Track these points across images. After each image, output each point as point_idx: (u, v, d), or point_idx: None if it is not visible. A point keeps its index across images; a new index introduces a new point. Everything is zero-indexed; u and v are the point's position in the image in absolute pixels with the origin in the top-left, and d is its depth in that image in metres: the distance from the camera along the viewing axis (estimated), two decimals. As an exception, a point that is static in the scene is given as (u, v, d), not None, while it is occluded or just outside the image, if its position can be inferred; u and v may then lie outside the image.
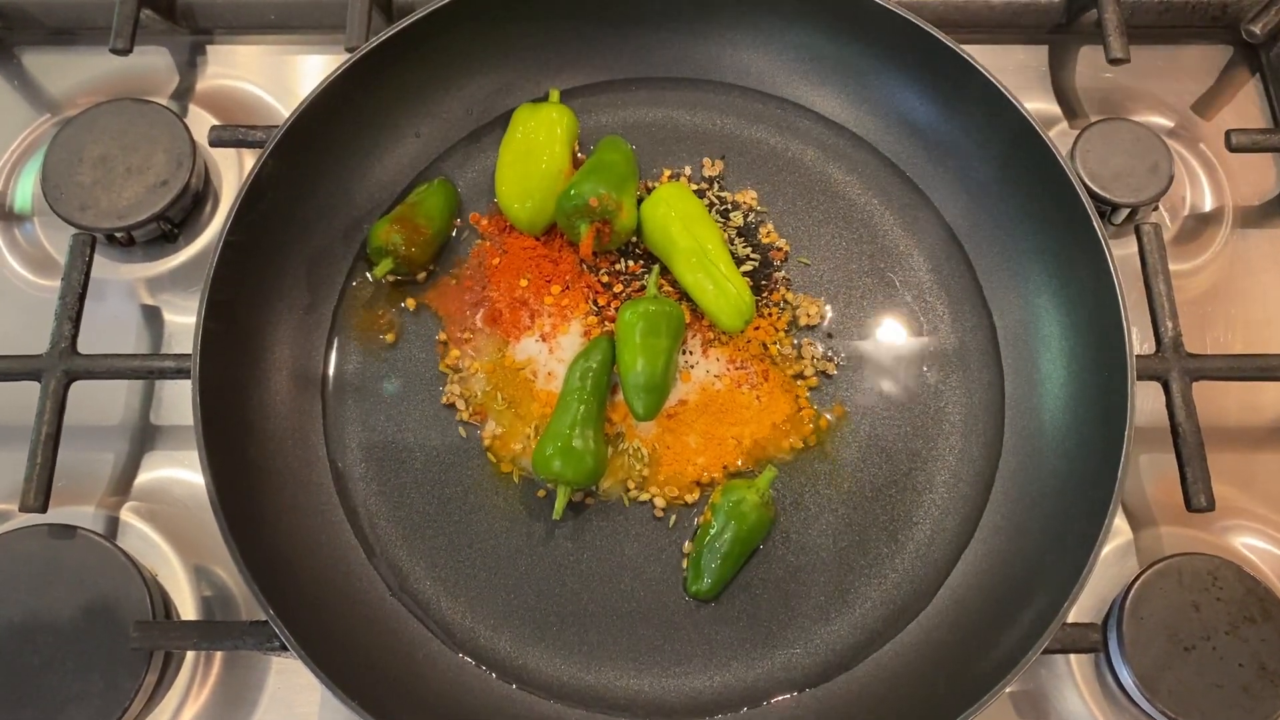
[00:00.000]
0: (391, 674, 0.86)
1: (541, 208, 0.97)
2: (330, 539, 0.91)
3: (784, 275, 0.99)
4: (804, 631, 0.89)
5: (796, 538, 0.92)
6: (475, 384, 0.95)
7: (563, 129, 0.99)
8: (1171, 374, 0.91)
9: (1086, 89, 1.11)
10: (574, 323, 0.96)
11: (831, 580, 0.90)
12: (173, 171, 1.00)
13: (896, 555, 0.91)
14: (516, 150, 0.98)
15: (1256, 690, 0.82)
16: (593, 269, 0.98)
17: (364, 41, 1.00)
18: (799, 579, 0.90)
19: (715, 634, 0.89)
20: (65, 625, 0.85)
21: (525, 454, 0.93)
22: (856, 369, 0.96)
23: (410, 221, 0.96)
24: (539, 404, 0.94)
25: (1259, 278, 1.03)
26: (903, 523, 0.92)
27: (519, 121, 0.99)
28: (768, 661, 0.88)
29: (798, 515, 0.92)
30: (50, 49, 1.13)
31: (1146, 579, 0.86)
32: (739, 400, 0.94)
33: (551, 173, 0.97)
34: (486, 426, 0.94)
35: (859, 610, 0.90)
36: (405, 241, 0.95)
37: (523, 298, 0.97)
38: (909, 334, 0.98)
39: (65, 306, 0.93)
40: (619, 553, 0.91)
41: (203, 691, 0.89)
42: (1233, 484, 0.95)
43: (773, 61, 1.04)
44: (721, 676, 0.88)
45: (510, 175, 0.98)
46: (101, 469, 0.96)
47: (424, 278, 0.99)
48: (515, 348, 0.96)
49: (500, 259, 0.99)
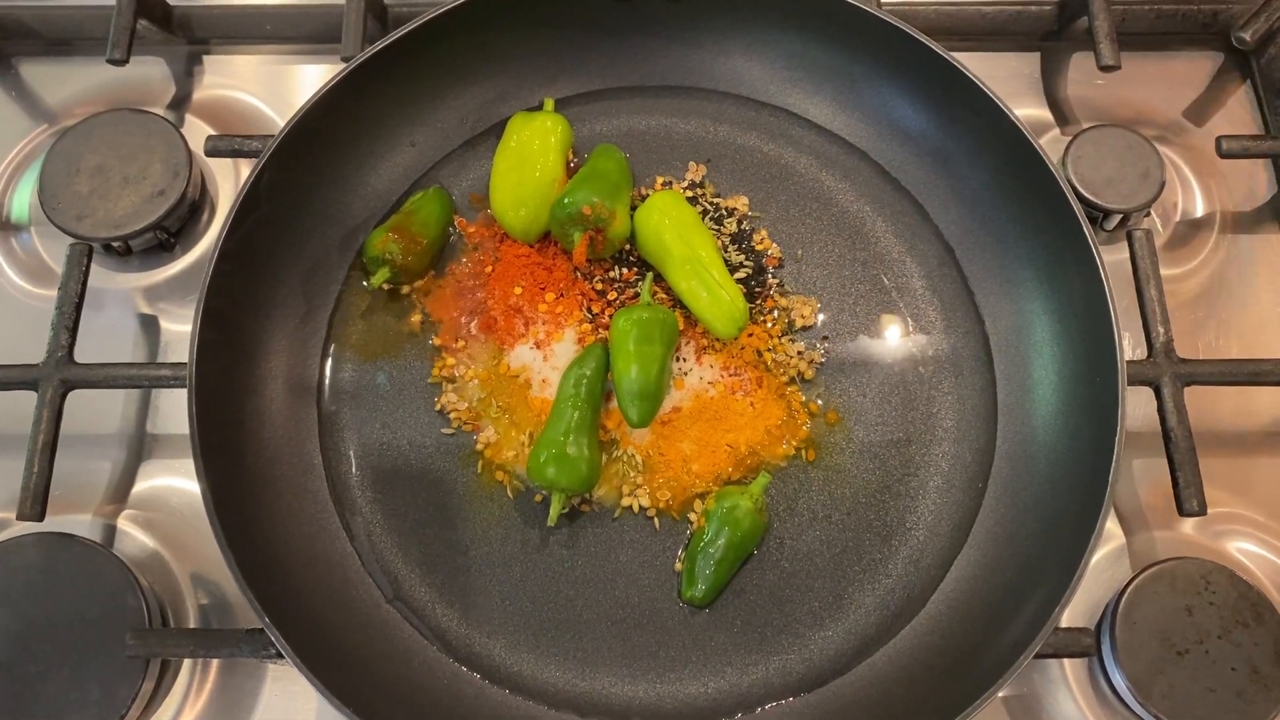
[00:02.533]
0: (387, 681, 0.86)
1: (536, 216, 0.97)
2: (326, 546, 0.91)
3: (777, 281, 1.00)
4: (798, 637, 0.89)
5: (790, 544, 0.92)
6: (470, 391, 0.96)
7: (556, 137, 0.99)
8: (1163, 379, 0.91)
9: (1078, 96, 1.11)
10: (568, 330, 0.97)
11: (825, 586, 0.91)
12: (169, 181, 1.00)
13: (890, 560, 0.91)
14: (511, 159, 0.99)
15: (1249, 694, 0.83)
16: (587, 276, 0.99)
17: (360, 51, 1.00)
18: (793, 585, 0.91)
19: (709, 640, 0.89)
20: (62, 633, 0.85)
21: (520, 461, 0.93)
22: (849, 375, 0.97)
23: (406, 230, 0.96)
24: (533, 411, 0.94)
25: (1250, 283, 1.04)
26: (896, 528, 0.92)
27: (513, 130, 1.00)
28: (762, 667, 0.88)
29: (791, 521, 0.92)
30: (47, 59, 1.13)
31: (1139, 583, 0.86)
32: (733, 407, 0.94)
33: (545, 181, 0.97)
34: (481, 434, 0.94)
35: (853, 616, 0.90)
36: (402, 250, 0.95)
37: (517, 305, 0.98)
38: (902, 340, 0.98)
39: (62, 316, 0.93)
40: (612, 559, 0.91)
41: (199, 699, 0.89)
42: (1225, 488, 0.95)
43: (765, 70, 1.05)
44: (715, 682, 0.88)
45: (504, 184, 0.98)
46: (98, 478, 0.96)
47: (420, 285, 0.99)
48: (510, 355, 0.96)
49: (494, 266, 0.99)
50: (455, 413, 0.95)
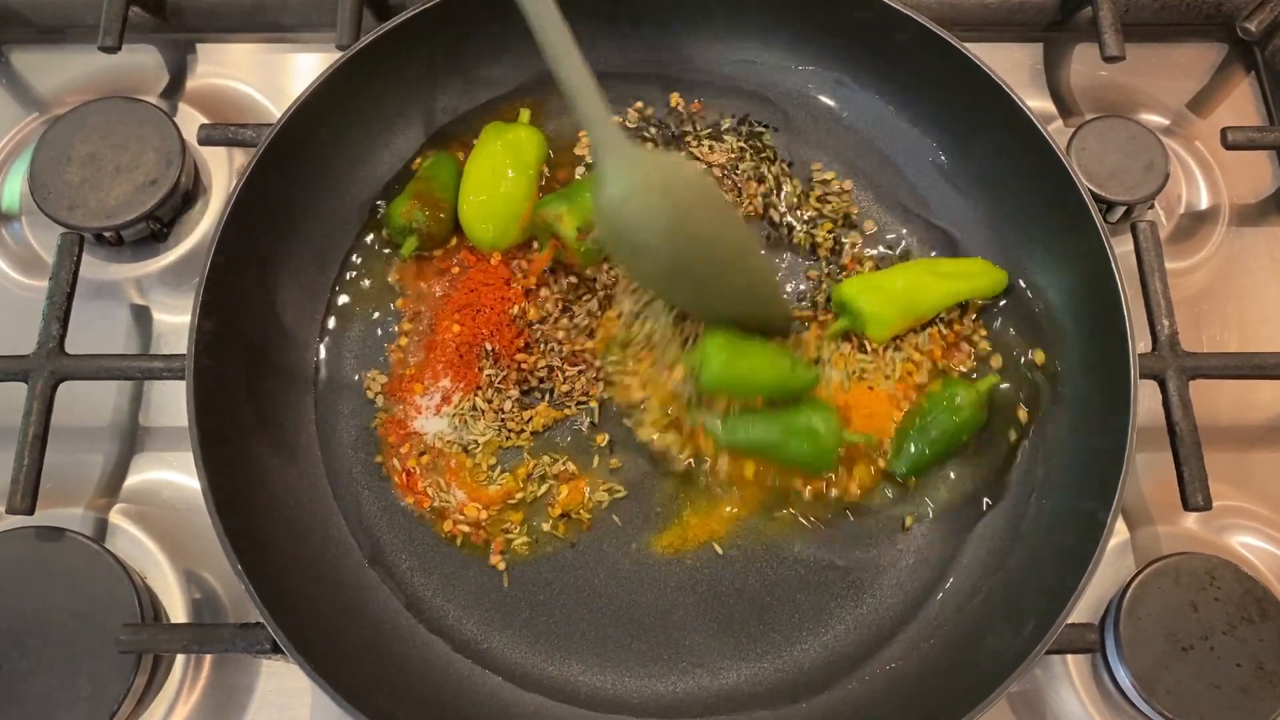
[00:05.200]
0: (388, 674, 0.85)
1: (504, 230, 0.96)
2: (327, 540, 0.90)
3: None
4: (773, 646, 0.88)
5: (781, 548, 0.90)
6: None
7: (530, 151, 0.98)
8: (1168, 372, 0.90)
9: (1082, 87, 1.10)
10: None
11: (808, 599, 0.89)
12: (162, 170, 0.99)
13: (896, 555, 0.90)
14: (481, 171, 0.97)
15: (1254, 690, 0.82)
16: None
17: (354, 40, 0.99)
18: (774, 593, 0.89)
19: (683, 639, 0.88)
20: (53, 628, 0.84)
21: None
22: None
23: (428, 196, 0.95)
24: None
25: (1255, 276, 1.03)
26: (898, 524, 0.91)
27: (485, 141, 0.98)
28: (733, 673, 0.87)
29: (786, 525, 0.91)
30: (38, 47, 1.12)
31: (1144, 579, 0.85)
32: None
33: (515, 197, 0.96)
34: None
35: (835, 630, 0.88)
36: (428, 217, 0.94)
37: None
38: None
39: (53, 306, 0.92)
40: (596, 548, 0.90)
41: (192, 695, 0.88)
42: (1230, 483, 0.95)
43: (767, 56, 1.03)
44: (684, 683, 0.87)
45: (473, 196, 0.96)
46: (90, 471, 0.95)
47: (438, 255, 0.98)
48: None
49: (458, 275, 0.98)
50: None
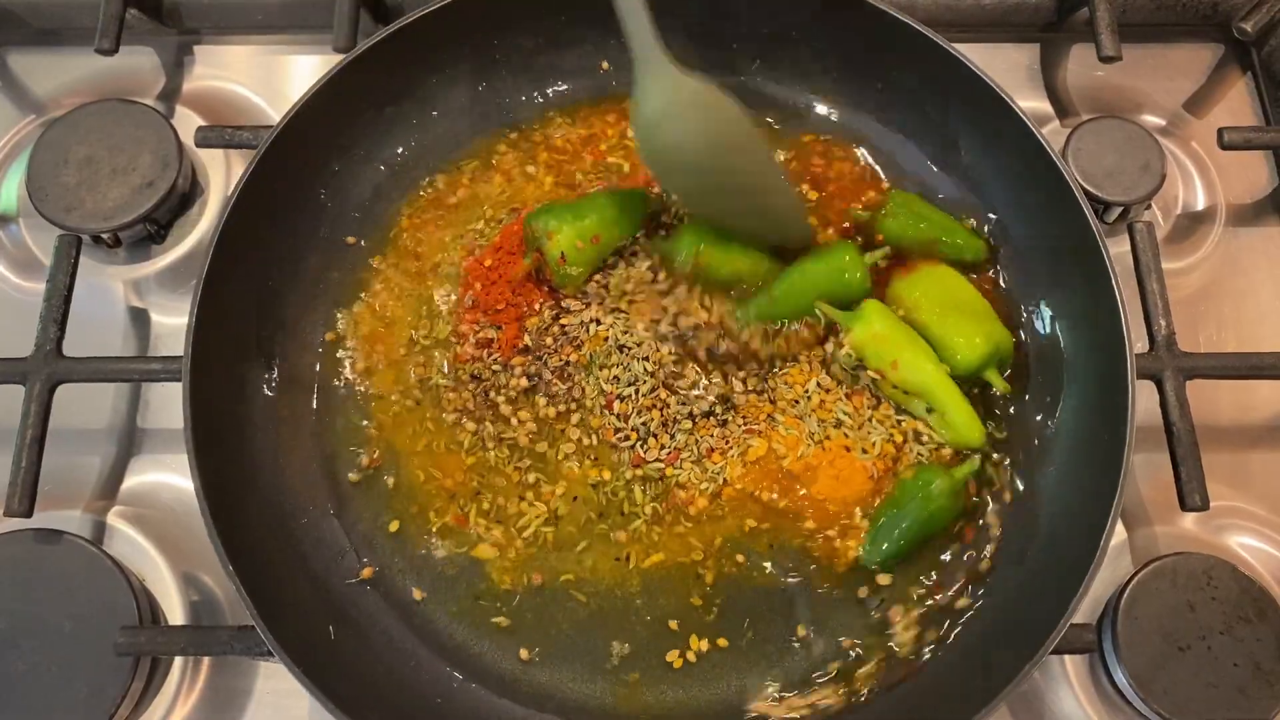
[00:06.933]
0: (378, 683, 0.84)
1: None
2: (321, 544, 0.90)
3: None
4: (765, 657, 0.87)
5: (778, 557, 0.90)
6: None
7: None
8: (1165, 373, 0.90)
9: (1078, 87, 1.11)
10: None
11: (803, 611, 0.88)
12: (159, 172, 0.99)
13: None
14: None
15: (1252, 690, 0.82)
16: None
17: (351, 42, 0.99)
18: (769, 603, 0.88)
19: (672, 648, 0.86)
20: (51, 631, 0.84)
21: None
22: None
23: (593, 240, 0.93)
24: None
25: (1252, 276, 1.03)
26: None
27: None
28: (723, 684, 0.86)
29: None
30: (35, 49, 1.12)
31: (1141, 579, 0.85)
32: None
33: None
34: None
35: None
36: (575, 259, 0.92)
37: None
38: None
39: (50, 309, 0.92)
40: (586, 560, 0.89)
41: (189, 698, 0.88)
42: (1227, 483, 0.95)
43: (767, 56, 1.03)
44: (673, 693, 0.86)
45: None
46: (88, 473, 0.95)
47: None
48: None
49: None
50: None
